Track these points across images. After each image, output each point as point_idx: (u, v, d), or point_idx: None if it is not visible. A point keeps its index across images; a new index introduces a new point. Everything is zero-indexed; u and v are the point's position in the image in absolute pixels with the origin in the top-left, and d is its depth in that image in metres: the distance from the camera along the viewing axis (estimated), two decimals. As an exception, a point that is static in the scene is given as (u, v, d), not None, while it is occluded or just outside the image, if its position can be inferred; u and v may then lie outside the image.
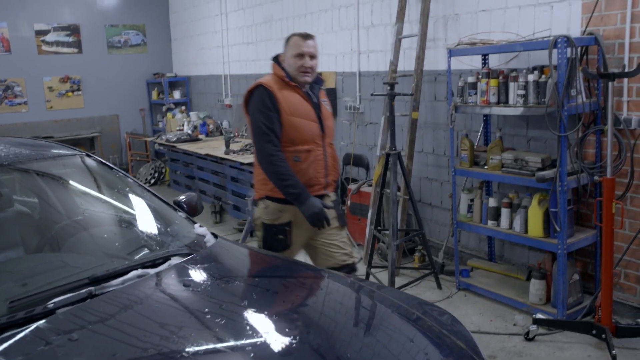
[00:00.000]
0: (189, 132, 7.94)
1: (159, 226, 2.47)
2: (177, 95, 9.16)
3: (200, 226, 2.57)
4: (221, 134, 7.97)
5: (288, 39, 3.00)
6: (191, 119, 8.39)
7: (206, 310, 1.83)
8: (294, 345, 1.67)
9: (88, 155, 2.71)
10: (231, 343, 1.64)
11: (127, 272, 2.00)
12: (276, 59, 3.03)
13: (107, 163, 2.75)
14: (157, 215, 2.54)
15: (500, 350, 3.33)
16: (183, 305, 1.91)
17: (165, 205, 2.63)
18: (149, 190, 2.70)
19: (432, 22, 4.62)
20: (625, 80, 3.39)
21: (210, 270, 2.17)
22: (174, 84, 9.31)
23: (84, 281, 1.92)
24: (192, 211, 2.80)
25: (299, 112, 2.89)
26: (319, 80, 3.05)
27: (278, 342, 1.68)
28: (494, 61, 4.13)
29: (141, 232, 2.45)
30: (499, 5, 4.14)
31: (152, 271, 2.05)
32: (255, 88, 2.92)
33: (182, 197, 2.86)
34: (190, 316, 1.83)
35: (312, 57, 2.92)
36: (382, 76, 5.21)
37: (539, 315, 3.45)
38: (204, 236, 2.49)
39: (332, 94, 5.93)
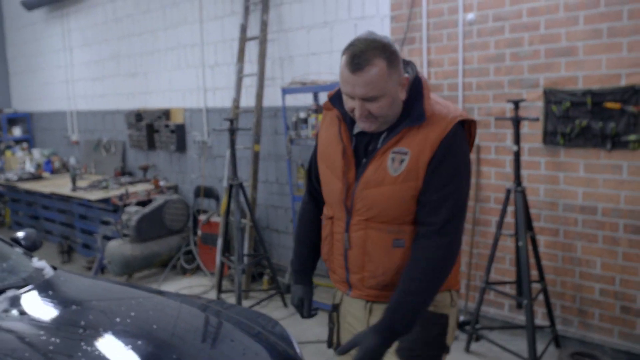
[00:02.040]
0: (32, 170, 7.60)
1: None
2: (17, 132, 8.71)
3: (38, 260, 2.64)
4: (67, 171, 7.73)
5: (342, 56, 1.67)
6: (34, 156, 8.03)
7: (43, 336, 1.95)
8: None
9: None
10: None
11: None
12: None
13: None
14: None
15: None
16: (18, 335, 2.01)
17: (0, 243, 2.67)
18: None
19: (269, 63, 5.06)
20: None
21: (48, 298, 2.27)
22: (13, 120, 8.84)
23: None
24: (31, 246, 2.85)
25: (327, 155, 1.83)
26: (414, 118, 1.68)
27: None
28: (323, 98, 4.65)
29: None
30: (326, 50, 4.68)
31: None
32: None
33: (19, 234, 2.90)
34: (26, 345, 1.94)
35: (368, 99, 1.62)
36: (228, 112, 5.52)
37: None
38: (42, 269, 2.57)
39: (180, 129, 6.13)
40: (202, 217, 5.58)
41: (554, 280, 3.66)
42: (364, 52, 1.57)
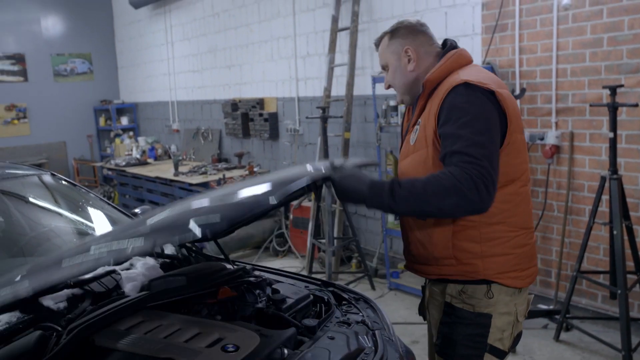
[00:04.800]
0: (138, 156, 8.23)
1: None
2: (124, 121, 9.43)
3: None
4: (169, 157, 8.30)
5: None
6: (139, 144, 8.68)
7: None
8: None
9: (53, 175, 3.07)
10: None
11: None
12: None
13: (74, 182, 3.11)
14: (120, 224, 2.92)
15: (422, 337, 3.83)
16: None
17: (125, 217, 3.02)
18: (111, 204, 3.07)
19: (359, 53, 5.19)
20: (518, 101, 4.02)
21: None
22: (121, 110, 9.58)
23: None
24: (147, 222, 3.18)
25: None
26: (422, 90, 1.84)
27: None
28: (413, 87, 4.72)
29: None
30: (416, 38, 4.74)
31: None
32: None
33: (137, 210, 3.24)
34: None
35: (384, 67, 1.96)
36: (319, 101, 5.73)
37: (455, 306, 3.99)
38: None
39: (273, 117, 6.42)
40: (294, 202, 5.84)
41: (652, 271, 3.55)
42: (381, 34, 1.97)
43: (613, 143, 3.28)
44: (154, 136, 9.00)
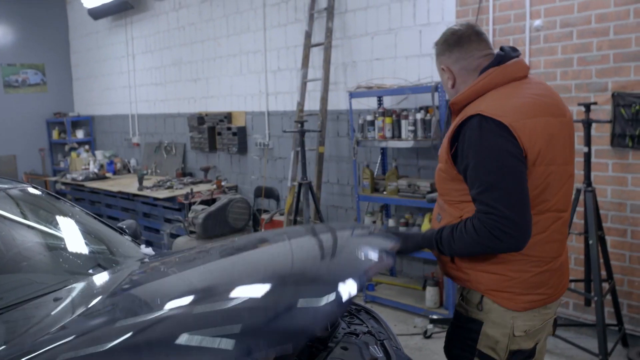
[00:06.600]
0: (96, 170, 7.98)
1: (112, 248, 2.76)
2: (80, 134, 9.14)
3: (145, 247, 2.88)
4: (129, 172, 8.09)
5: None
6: (97, 157, 8.42)
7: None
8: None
9: (34, 187, 2.95)
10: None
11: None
12: None
13: (56, 195, 2.99)
14: (108, 238, 2.83)
15: (404, 348, 3.87)
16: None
17: (112, 230, 2.93)
18: (97, 218, 2.97)
19: (333, 68, 5.26)
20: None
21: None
22: (76, 123, 9.29)
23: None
24: (133, 235, 3.10)
25: None
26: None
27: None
28: (388, 102, 4.82)
29: (97, 252, 2.72)
30: (390, 55, 4.86)
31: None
32: None
33: (123, 224, 3.15)
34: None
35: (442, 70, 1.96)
36: (290, 115, 5.75)
37: (434, 316, 4.07)
38: (150, 255, 2.81)
39: (242, 132, 6.39)
40: (264, 216, 5.80)
41: (622, 279, 3.74)
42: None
43: (587, 157, 3.45)
44: (112, 150, 8.76)
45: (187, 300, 1.78)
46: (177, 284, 2.09)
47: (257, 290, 1.75)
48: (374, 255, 1.88)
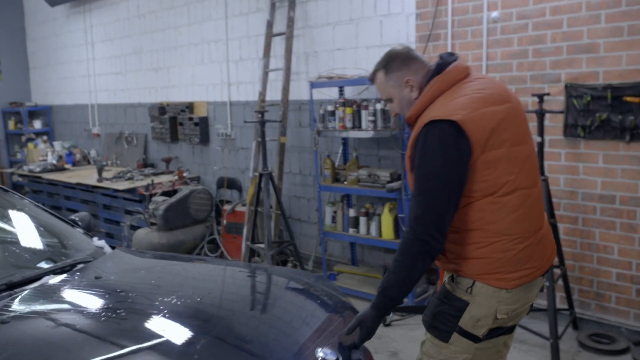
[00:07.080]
0: (54, 162, 7.78)
1: (63, 241, 2.70)
2: (37, 124, 8.89)
3: (98, 239, 2.83)
4: (89, 163, 7.92)
5: None
6: (55, 148, 8.21)
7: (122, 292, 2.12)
8: (195, 336, 1.94)
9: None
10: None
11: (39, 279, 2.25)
12: None
13: (5, 188, 2.90)
14: (59, 231, 2.76)
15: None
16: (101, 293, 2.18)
17: (63, 223, 2.86)
18: (48, 211, 2.90)
19: (295, 58, 5.24)
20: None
21: (111, 270, 2.46)
22: (33, 113, 9.03)
23: (2, 287, 2.14)
24: (86, 228, 3.03)
25: None
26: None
27: (180, 335, 1.93)
28: (349, 92, 4.83)
29: (47, 246, 2.66)
30: (351, 45, 4.86)
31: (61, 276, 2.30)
32: None
33: (75, 216, 3.09)
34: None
35: (388, 100, 2.11)
36: (252, 105, 5.71)
37: (394, 305, 4.12)
38: (102, 247, 2.76)
39: (204, 122, 6.32)
40: (226, 207, 5.76)
41: (573, 265, 3.85)
42: (374, 68, 2.09)
43: (541, 147, 3.53)
44: (71, 141, 8.55)
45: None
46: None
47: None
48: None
